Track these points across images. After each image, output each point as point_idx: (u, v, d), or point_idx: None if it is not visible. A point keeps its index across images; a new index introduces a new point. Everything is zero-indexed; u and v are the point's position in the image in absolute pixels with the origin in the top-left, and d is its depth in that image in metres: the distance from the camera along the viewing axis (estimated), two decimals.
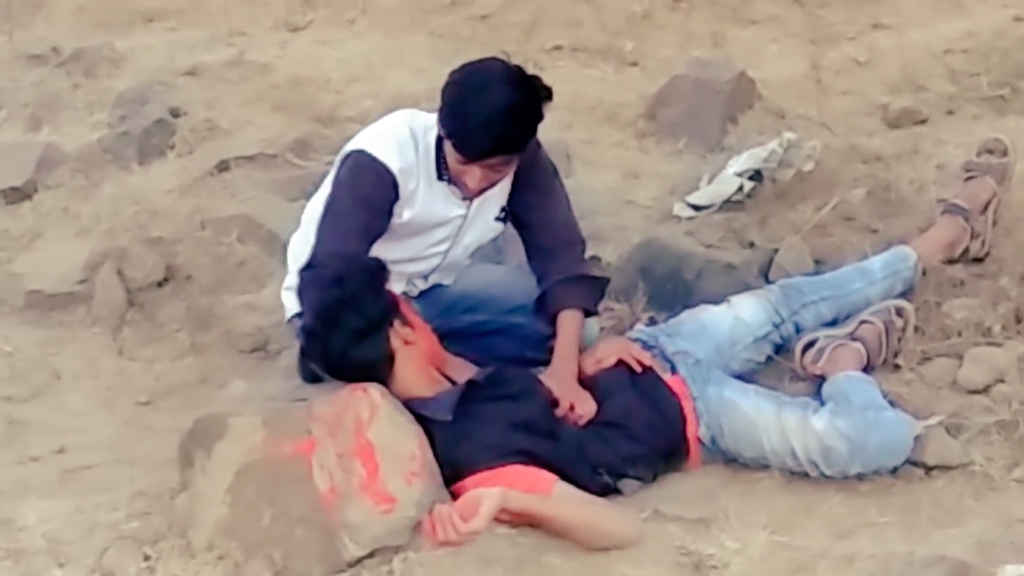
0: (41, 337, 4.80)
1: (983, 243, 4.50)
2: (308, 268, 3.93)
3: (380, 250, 3.98)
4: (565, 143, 5.33)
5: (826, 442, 3.74)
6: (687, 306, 4.30)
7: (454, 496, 3.59)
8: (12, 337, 4.79)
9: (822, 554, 3.46)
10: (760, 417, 3.83)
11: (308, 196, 4.40)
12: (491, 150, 3.77)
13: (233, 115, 5.83)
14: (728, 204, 4.92)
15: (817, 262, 4.58)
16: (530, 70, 3.88)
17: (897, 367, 4.19)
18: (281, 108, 5.92)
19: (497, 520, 3.46)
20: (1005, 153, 4.61)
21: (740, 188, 4.92)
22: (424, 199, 3.95)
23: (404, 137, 3.92)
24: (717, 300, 4.27)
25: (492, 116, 3.71)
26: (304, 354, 3.91)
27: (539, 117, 3.83)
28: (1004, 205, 4.59)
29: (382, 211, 3.92)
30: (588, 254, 4.32)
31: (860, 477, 3.75)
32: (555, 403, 3.87)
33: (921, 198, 4.81)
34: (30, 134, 6.07)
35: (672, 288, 4.54)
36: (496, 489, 3.46)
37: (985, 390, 4.01)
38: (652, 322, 4.38)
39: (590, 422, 3.86)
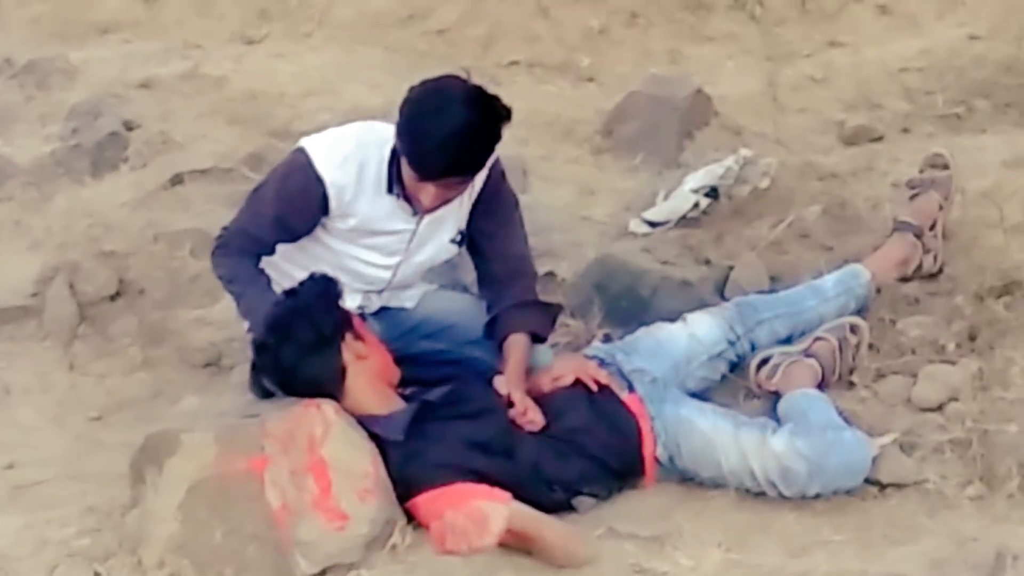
0: None
1: (935, 258, 4.52)
2: (221, 235, 4.04)
3: (334, 246, 3.99)
4: (521, 159, 5.32)
5: (785, 463, 3.74)
6: (643, 323, 4.29)
7: (407, 514, 3.58)
8: None
9: (776, 572, 3.46)
10: (718, 437, 3.82)
11: None
12: (446, 171, 3.74)
13: (187, 128, 5.78)
14: (684, 221, 4.92)
15: (773, 279, 4.58)
16: (487, 86, 3.86)
17: (851, 384, 4.19)
18: (236, 122, 5.88)
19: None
20: (946, 167, 4.64)
21: (696, 205, 4.92)
22: (368, 211, 3.92)
23: (349, 152, 3.88)
24: (673, 317, 4.27)
25: (448, 138, 3.67)
26: (256, 368, 3.88)
27: (497, 139, 3.80)
28: (958, 223, 4.62)
29: (301, 216, 3.92)
30: (543, 270, 4.31)
31: (817, 498, 3.75)
32: (510, 404, 3.86)
33: (876, 215, 4.82)
34: None
35: (628, 305, 4.53)
36: (502, 506, 3.51)
37: (939, 408, 4.02)
38: (607, 339, 4.36)
39: (547, 436, 3.84)
